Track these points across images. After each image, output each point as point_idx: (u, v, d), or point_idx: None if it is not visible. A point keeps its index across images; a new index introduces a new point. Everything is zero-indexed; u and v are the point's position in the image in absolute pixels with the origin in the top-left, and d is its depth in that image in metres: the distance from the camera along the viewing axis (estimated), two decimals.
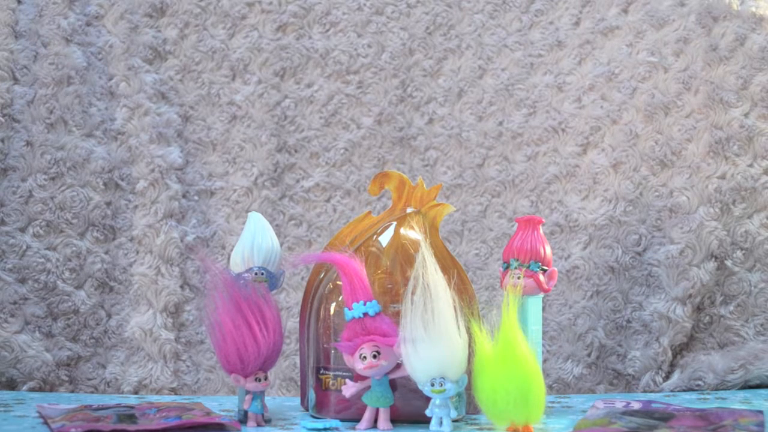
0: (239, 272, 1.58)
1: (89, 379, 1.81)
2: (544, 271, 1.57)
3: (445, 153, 1.95)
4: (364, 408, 1.50)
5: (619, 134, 1.89)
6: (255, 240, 1.59)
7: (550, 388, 1.78)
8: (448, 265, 1.54)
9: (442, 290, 1.44)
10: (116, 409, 1.56)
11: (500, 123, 1.95)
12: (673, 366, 1.82)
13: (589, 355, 1.82)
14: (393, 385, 1.50)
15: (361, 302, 1.47)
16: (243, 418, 1.53)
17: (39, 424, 1.51)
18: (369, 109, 1.95)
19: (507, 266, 1.58)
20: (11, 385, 1.78)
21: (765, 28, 1.88)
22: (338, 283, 1.52)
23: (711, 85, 1.86)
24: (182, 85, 1.94)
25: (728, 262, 1.83)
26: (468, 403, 1.53)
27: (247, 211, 1.81)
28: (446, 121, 1.95)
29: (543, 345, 1.76)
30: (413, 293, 1.44)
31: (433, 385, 1.44)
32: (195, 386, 1.82)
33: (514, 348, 1.42)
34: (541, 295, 1.58)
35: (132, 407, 1.57)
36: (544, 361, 1.76)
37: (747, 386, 1.79)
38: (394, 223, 1.57)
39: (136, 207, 1.87)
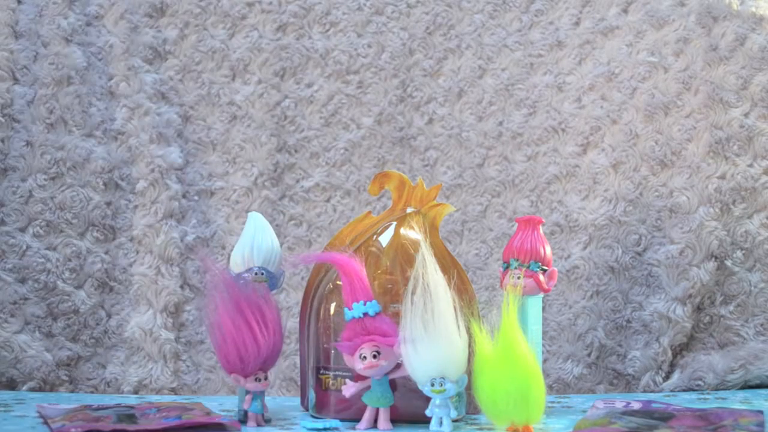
0: (239, 272, 1.58)
1: (89, 379, 1.81)
2: (544, 271, 1.57)
3: (445, 153, 1.95)
4: (364, 408, 1.50)
5: (619, 134, 1.89)
6: (255, 240, 1.59)
7: (550, 388, 1.78)
8: (448, 265, 1.54)
9: (442, 290, 1.45)
10: (116, 409, 1.56)
11: (500, 123, 1.95)
12: (673, 366, 1.82)
13: (589, 355, 1.82)
14: (393, 385, 1.50)
15: (361, 302, 1.47)
16: (243, 418, 1.53)
17: (39, 424, 1.51)
18: (369, 109, 1.95)
19: (507, 266, 1.58)
20: (11, 385, 1.78)
21: (765, 28, 1.87)
22: (338, 283, 1.52)
23: (711, 85, 1.86)
24: (182, 85, 1.94)
25: (728, 262, 1.83)
26: (468, 403, 1.53)
27: (247, 211, 1.81)
28: (446, 121, 1.95)
29: (543, 345, 1.76)
30: (413, 293, 1.44)
31: (433, 385, 1.44)
32: (195, 386, 1.82)
33: (514, 348, 1.42)
34: (541, 295, 1.58)
35: (132, 407, 1.57)
36: (544, 361, 1.76)
37: (747, 386, 1.79)
38: (394, 223, 1.57)
39: (136, 207, 1.87)
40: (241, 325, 1.48)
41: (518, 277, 1.56)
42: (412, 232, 1.55)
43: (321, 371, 1.56)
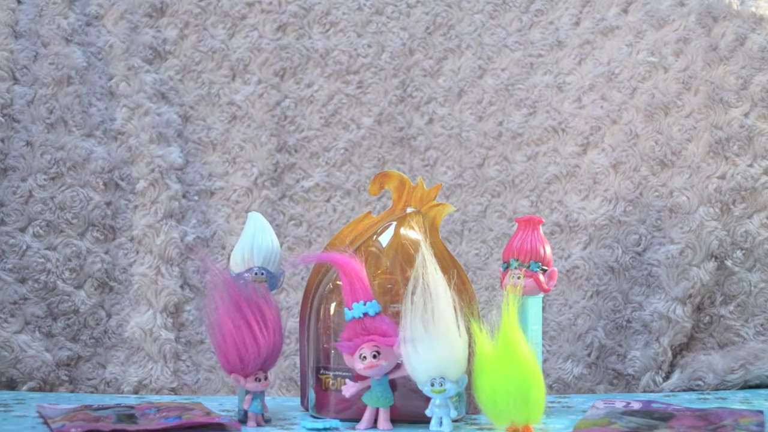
0: (239, 272, 1.58)
1: (89, 379, 1.81)
2: (544, 271, 1.57)
3: (445, 153, 1.95)
4: (364, 408, 1.50)
5: (619, 134, 1.89)
6: (255, 240, 1.59)
7: (550, 388, 1.78)
8: (448, 265, 1.54)
9: (442, 290, 1.45)
10: (116, 409, 1.56)
11: (500, 123, 1.95)
12: (673, 366, 1.82)
13: (589, 355, 1.82)
14: (393, 385, 1.50)
15: (361, 302, 1.47)
16: (243, 418, 1.53)
17: (39, 424, 1.51)
18: (369, 109, 1.95)
19: (507, 266, 1.58)
20: (11, 385, 1.78)
21: (765, 28, 1.87)
22: (338, 283, 1.52)
23: (711, 85, 1.86)
24: (182, 85, 1.94)
25: (728, 262, 1.83)
26: (468, 403, 1.53)
27: (247, 211, 1.81)
28: (446, 121, 1.95)
29: (543, 345, 1.76)
30: (413, 293, 1.44)
31: (433, 385, 1.44)
32: (195, 386, 1.82)
33: (514, 348, 1.42)
34: (541, 295, 1.58)
35: (132, 407, 1.57)
36: (544, 361, 1.76)
37: (747, 386, 1.79)
38: (394, 223, 1.57)
39: (136, 207, 1.87)
40: (241, 325, 1.48)
41: (518, 277, 1.56)
42: (412, 232, 1.55)
43: (321, 371, 1.56)
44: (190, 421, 1.47)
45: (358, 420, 1.50)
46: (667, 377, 1.80)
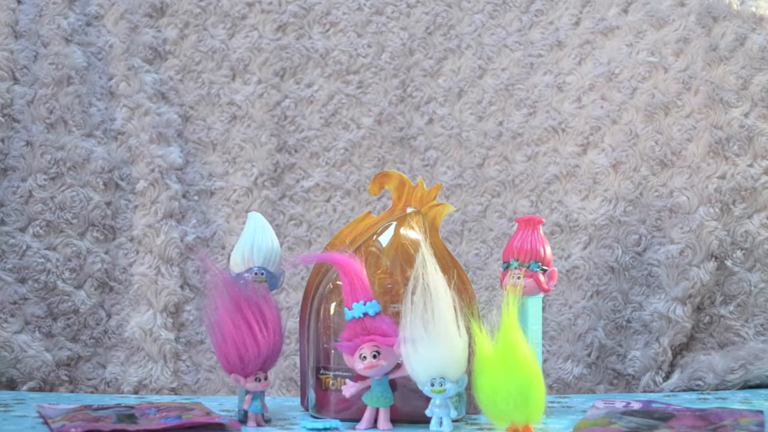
0: (239, 272, 1.58)
1: (89, 379, 1.81)
2: (544, 271, 1.57)
3: (445, 153, 1.95)
4: (364, 408, 1.50)
5: (619, 134, 1.89)
6: (255, 240, 1.59)
7: (550, 388, 1.78)
8: (448, 265, 1.54)
9: (442, 290, 1.45)
10: (116, 409, 1.56)
11: (500, 123, 1.95)
12: (673, 366, 1.82)
13: (589, 355, 1.82)
14: (393, 385, 1.50)
15: (361, 302, 1.47)
16: (243, 418, 1.53)
17: (39, 424, 1.51)
18: (369, 109, 1.95)
19: (507, 266, 1.58)
20: (11, 385, 1.78)
21: (765, 28, 1.88)
22: (338, 283, 1.52)
23: (711, 85, 1.86)
24: (182, 85, 1.94)
25: (728, 262, 1.83)
26: (468, 403, 1.53)
27: (247, 211, 1.81)
28: (446, 121, 1.95)
29: (543, 345, 1.76)
30: (413, 293, 1.44)
31: (433, 385, 1.44)
32: (195, 386, 1.82)
33: (514, 348, 1.42)
34: (541, 295, 1.58)
35: (132, 407, 1.57)
36: (544, 361, 1.76)
37: (747, 386, 1.79)
38: (394, 223, 1.57)
39: (136, 207, 1.87)
40: (241, 325, 1.48)
41: (518, 277, 1.56)
42: (412, 232, 1.55)
43: (321, 371, 1.56)
44: (190, 421, 1.47)
45: (358, 420, 1.50)
46: (667, 377, 1.80)
